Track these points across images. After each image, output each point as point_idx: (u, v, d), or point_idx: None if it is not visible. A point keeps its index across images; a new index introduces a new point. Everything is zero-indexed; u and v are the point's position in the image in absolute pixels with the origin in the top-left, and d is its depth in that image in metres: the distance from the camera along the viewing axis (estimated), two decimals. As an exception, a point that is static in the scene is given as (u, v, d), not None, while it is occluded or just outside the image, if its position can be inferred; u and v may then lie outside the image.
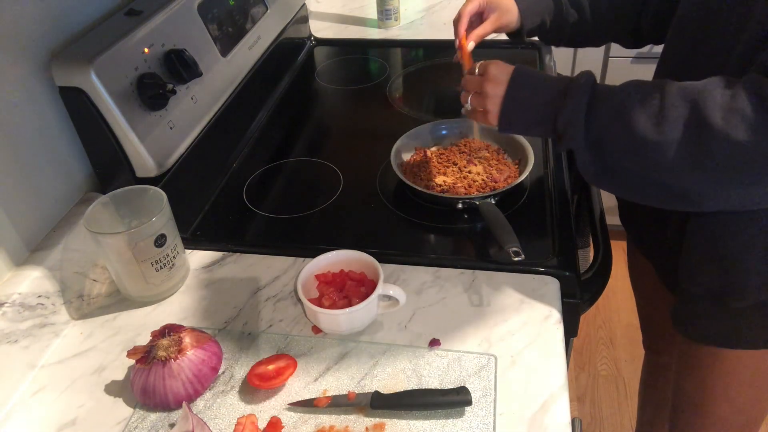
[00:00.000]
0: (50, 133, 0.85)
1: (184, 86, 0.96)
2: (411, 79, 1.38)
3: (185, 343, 0.70)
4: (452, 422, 0.65)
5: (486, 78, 0.75)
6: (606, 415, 1.75)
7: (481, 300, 0.80)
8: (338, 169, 1.08)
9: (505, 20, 0.93)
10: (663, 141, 0.63)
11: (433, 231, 0.93)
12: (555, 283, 0.81)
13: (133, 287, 0.82)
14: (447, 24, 1.57)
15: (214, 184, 1.06)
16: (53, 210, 0.85)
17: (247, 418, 0.67)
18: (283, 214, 0.99)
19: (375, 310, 0.75)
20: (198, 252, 0.92)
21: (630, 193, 0.71)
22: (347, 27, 1.63)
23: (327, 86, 1.38)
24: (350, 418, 0.67)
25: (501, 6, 0.92)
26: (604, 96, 0.69)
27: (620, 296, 2.06)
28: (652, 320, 1.22)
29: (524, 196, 0.97)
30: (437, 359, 0.73)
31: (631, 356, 1.90)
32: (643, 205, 0.72)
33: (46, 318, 0.78)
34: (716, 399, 0.93)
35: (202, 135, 1.01)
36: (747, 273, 0.76)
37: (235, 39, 1.15)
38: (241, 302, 0.83)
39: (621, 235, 1.05)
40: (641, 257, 1.02)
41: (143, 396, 0.69)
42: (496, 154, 1.04)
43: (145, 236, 0.77)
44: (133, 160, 0.88)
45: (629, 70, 1.82)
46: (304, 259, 0.88)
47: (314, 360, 0.74)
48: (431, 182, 0.98)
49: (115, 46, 0.85)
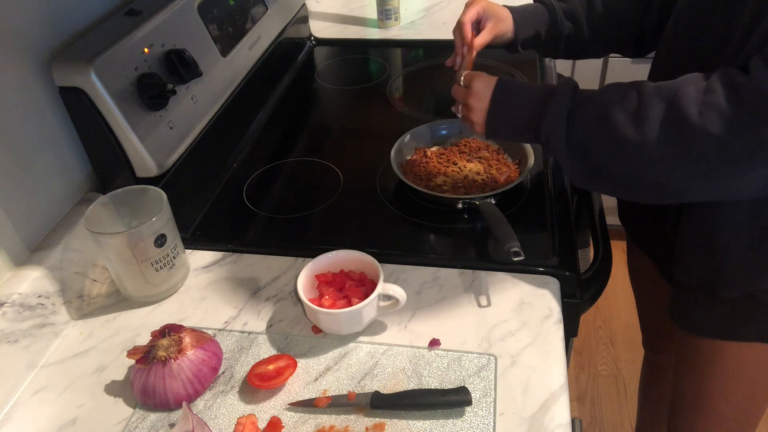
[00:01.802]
0: (50, 133, 0.85)
1: (184, 86, 0.96)
2: (411, 79, 1.38)
3: (185, 343, 0.70)
4: (452, 422, 0.66)
5: (470, 92, 0.79)
6: (606, 415, 1.75)
7: (481, 300, 0.80)
8: (338, 169, 1.08)
9: (502, 29, 0.93)
10: (644, 141, 0.65)
11: (433, 231, 0.93)
12: (555, 283, 0.81)
13: (133, 287, 0.82)
14: (447, 24, 1.58)
15: (214, 184, 1.06)
16: (53, 210, 0.85)
17: (247, 418, 0.67)
18: (283, 214, 0.99)
19: (375, 310, 0.75)
20: (198, 252, 0.92)
21: (615, 192, 0.74)
22: (347, 27, 1.63)
23: (327, 86, 1.38)
24: (350, 418, 0.67)
25: (497, 15, 0.93)
26: (584, 102, 0.71)
27: (620, 296, 2.06)
28: (651, 318, 1.22)
29: (524, 196, 0.97)
30: (437, 359, 0.73)
31: (631, 356, 1.90)
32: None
33: (46, 318, 0.78)
34: (714, 396, 0.93)
35: (202, 135, 1.01)
36: (735, 262, 0.77)
37: (235, 39, 1.15)
38: (241, 302, 0.83)
39: (621, 235, 1.05)
40: (640, 254, 1.02)
41: (143, 396, 0.69)
42: (496, 154, 1.04)
43: (145, 236, 0.77)
44: (133, 160, 0.88)
45: (629, 70, 1.82)
46: (304, 259, 0.88)
47: (314, 360, 0.74)
48: (431, 182, 0.99)
49: (115, 46, 0.85)
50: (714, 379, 0.91)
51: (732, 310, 0.83)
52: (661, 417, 1.27)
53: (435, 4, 1.71)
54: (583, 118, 0.71)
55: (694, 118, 0.62)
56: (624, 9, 0.93)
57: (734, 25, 0.68)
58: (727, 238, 0.76)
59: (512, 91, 0.77)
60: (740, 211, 0.73)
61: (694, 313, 0.88)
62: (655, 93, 0.66)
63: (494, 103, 0.77)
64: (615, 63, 1.87)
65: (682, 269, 0.84)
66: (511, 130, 0.78)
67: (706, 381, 0.92)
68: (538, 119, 0.73)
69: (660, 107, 0.65)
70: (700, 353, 0.91)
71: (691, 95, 0.63)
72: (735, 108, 0.61)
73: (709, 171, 0.64)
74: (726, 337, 0.86)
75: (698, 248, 0.80)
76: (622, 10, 0.93)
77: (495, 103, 0.77)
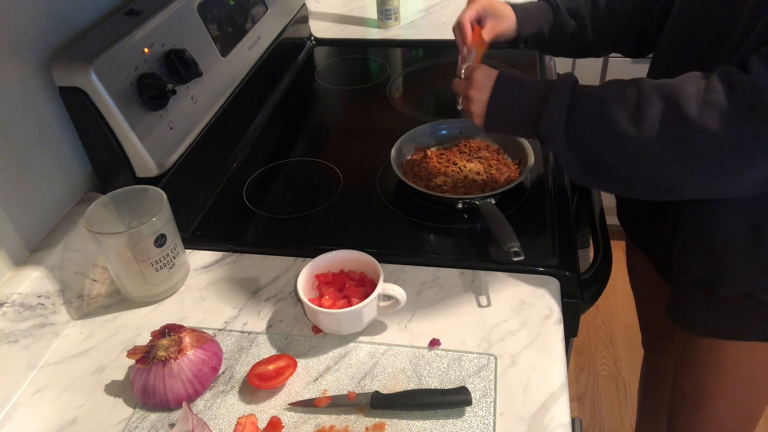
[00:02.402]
0: (50, 133, 0.85)
1: (184, 86, 0.96)
2: (411, 79, 1.38)
3: (185, 343, 0.70)
4: (452, 422, 0.66)
5: (471, 83, 0.79)
6: (606, 415, 1.75)
7: (481, 300, 0.80)
8: (338, 169, 1.08)
9: (503, 28, 0.93)
10: (642, 138, 0.66)
11: (433, 231, 0.93)
12: (555, 283, 0.81)
13: (133, 287, 0.82)
14: (447, 24, 1.58)
15: (214, 184, 1.06)
16: (53, 210, 0.85)
17: (247, 418, 0.67)
18: (283, 214, 0.99)
19: (375, 310, 0.75)
20: (198, 252, 0.92)
21: (613, 188, 0.74)
22: (347, 27, 1.63)
23: (327, 86, 1.38)
24: (350, 418, 0.67)
25: (498, 13, 0.93)
26: (584, 97, 0.71)
27: (620, 296, 2.06)
28: (650, 318, 1.22)
29: (524, 196, 0.97)
30: (437, 359, 0.73)
31: (631, 356, 1.90)
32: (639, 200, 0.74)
33: (46, 318, 0.78)
34: (713, 397, 0.93)
35: (202, 135, 1.01)
36: (733, 261, 0.77)
37: (235, 39, 1.15)
38: (241, 302, 0.83)
39: (621, 235, 1.05)
40: (639, 254, 1.02)
41: (143, 396, 0.69)
42: (496, 153, 1.04)
43: (145, 236, 0.77)
44: (133, 160, 0.88)
45: (629, 70, 1.82)
46: (304, 259, 0.88)
47: (314, 360, 0.74)
48: (431, 182, 0.99)
49: (115, 46, 0.85)
50: (713, 379, 0.91)
51: (730, 309, 0.83)
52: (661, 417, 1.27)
53: (435, 4, 1.71)
54: (582, 113, 0.71)
55: (693, 116, 0.63)
56: (627, 8, 0.93)
57: (732, 24, 0.68)
58: (726, 237, 0.76)
59: (513, 84, 0.77)
60: (738, 210, 0.74)
61: (692, 312, 0.88)
62: (654, 90, 0.66)
63: (495, 95, 0.77)
64: (615, 63, 1.87)
65: (681, 268, 0.84)
66: (510, 122, 0.78)
67: (705, 380, 0.92)
68: (537, 112, 0.73)
69: (659, 105, 0.65)
70: (699, 353, 0.91)
71: (691, 93, 0.63)
72: (734, 106, 0.61)
73: (706, 168, 0.64)
74: (724, 336, 0.86)
75: (696, 247, 0.80)
76: (625, 10, 0.93)
77: (495, 95, 0.77)
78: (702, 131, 0.62)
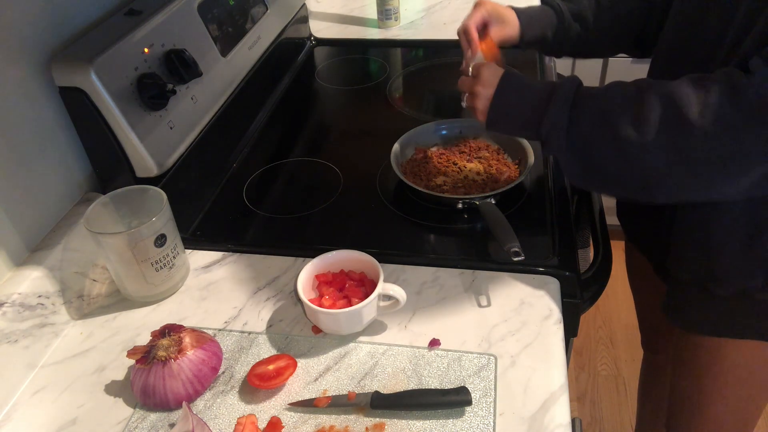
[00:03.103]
0: (50, 134, 0.85)
1: (184, 86, 0.96)
2: (411, 79, 1.38)
3: (185, 343, 0.70)
4: (452, 422, 0.66)
5: (477, 80, 0.79)
6: (606, 415, 1.75)
7: (481, 300, 0.80)
8: (338, 169, 1.08)
9: (507, 33, 0.93)
10: (644, 142, 0.65)
11: (433, 231, 0.93)
12: (555, 283, 0.81)
13: (133, 287, 0.82)
14: (447, 24, 1.58)
15: (214, 184, 1.06)
16: (53, 210, 0.85)
17: (247, 418, 0.67)
18: (283, 214, 0.99)
19: (375, 310, 0.75)
20: (198, 252, 0.92)
21: (612, 191, 0.74)
22: (347, 27, 1.63)
23: (327, 86, 1.38)
24: (350, 418, 0.67)
25: (503, 19, 0.93)
26: (586, 101, 0.71)
27: (620, 296, 2.06)
28: (649, 318, 1.22)
29: (524, 196, 0.97)
30: (437, 359, 0.73)
31: (631, 356, 1.90)
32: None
33: (46, 318, 0.78)
34: (711, 397, 0.93)
35: (202, 135, 1.01)
36: (729, 259, 0.77)
37: (235, 39, 1.15)
38: (241, 302, 0.83)
39: (621, 235, 1.05)
40: (638, 254, 1.02)
41: (143, 396, 0.69)
42: (496, 154, 1.04)
43: (145, 236, 0.77)
44: (133, 160, 0.88)
45: (629, 70, 1.82)
46: (304, 259, 0.88)
47: (314, 360, 0.74)
48: (431, 182, 0.99)
49: (115, 46, 0.85)
50: (710, 378, 0.91)
51: (727, 308, 0.83)
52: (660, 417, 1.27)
53: (435, 4, 1.71)
54: (585, 115, 0.71)
55: (694, 119, 0.62)
56: (629, 9, 0.93)
57: (728, 23, 0.68)
58: (721, 236, 0.76)
59: (517, 85, 0.77)
60: (734, 209, 0.74)
61: (689, 311, 0.88)
62: (656, 93, 0.66)
63: (499, 92, 0.77)
64: (615, 63, 1.87)
65: (677, 266, 0.85)
66: (512, 122, 0.78)
67: (702, 380, 0.93)
68: (540, 113, 0.73)
69: (660, 107, 0.65)
70: (697, 352, 0.91)
71: (692, 96, 0.63)
72: (735, 109, 0.61)
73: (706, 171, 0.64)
74: (721, 334, 0.86)
75: (693, 246, 0.80)
76: (627, 10, 0.93)
77: (499, 92, 0.77)
78: (704, 135, 0.62)
